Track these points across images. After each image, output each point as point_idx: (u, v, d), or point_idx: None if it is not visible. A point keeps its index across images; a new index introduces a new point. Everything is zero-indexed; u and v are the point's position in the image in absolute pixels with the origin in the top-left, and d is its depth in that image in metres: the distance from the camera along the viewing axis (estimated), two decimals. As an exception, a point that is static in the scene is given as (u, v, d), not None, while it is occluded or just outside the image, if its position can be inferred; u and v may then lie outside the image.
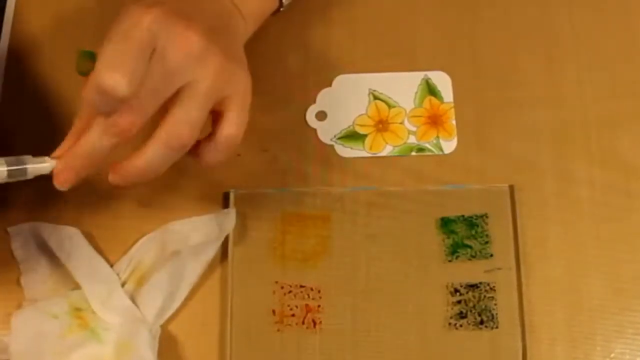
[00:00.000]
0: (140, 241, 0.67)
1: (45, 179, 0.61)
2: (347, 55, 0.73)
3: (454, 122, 0.71)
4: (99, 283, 0.65)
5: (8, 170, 0.57)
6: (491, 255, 0.66)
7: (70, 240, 0.66)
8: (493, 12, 0.73)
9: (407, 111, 0.71)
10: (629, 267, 0.66)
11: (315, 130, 0.71)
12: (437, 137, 0.70)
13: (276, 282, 0.66)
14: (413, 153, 0.70)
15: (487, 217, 0.67)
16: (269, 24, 0.69)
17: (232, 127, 0.58)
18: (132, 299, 0.65)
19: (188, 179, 0.69)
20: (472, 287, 0.66)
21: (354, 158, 0.70)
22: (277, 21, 0.71)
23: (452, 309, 0.65)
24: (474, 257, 0.66)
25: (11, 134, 0.71)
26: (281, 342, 0.65)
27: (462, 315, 0.65)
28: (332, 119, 0.71)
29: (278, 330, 0.65)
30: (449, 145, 0.70)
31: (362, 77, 0.73)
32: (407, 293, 0.66)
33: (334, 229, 0.67)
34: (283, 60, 0.73)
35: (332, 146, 0.70)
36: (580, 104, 0.71)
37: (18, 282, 0.67)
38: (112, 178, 0.58)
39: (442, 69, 0.72)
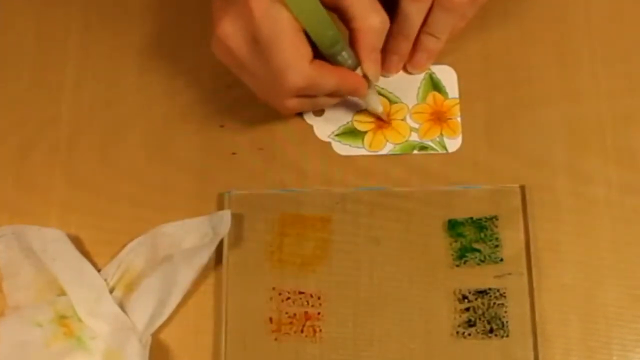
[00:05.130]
0: (130, 245, 0.66)
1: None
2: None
3: (459, 119, 0.69)
4: (85, 289, 0.64)
5: None
6: (501, 260, 0.65)
7: (55, 243, 0.65)
8: (503, 4, 0.72)
9: (410, 107, 0.70)
10: (647, 272, 0.65)
11: (311, 126, 0.70)
12: (441, 134, 0.69)
13: (273, 288, 0.65)
14: (415, 151, 0.69)
15: (497, 219, 0.66)
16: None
17: None
18: (121, 306, 0.64)
19: (181, 179, 0.69)
20: (481, 293, 0.64)
21: (354, 156, 0.69)
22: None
23: (460, 316, 0.64)
24: (483, 261, 0.65)
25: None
26: (279, 351, 0.64)
27: (470, 324, 0.64)
28: (330, 114, 0.70)
29: (275, 339, 0.64)
30: (454, 144, 0.69)
31: (363, 71, 0.72)
32: (412, 300, 0.64)
33: (335, 231, 0.66)
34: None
35: (329, 143, 0.69)
36: (595, 100, 0.69)
37: (0, 288, 0.66)
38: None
39: (449, 64, 0.71)
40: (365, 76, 0.64)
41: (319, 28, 0.59)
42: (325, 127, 0.69)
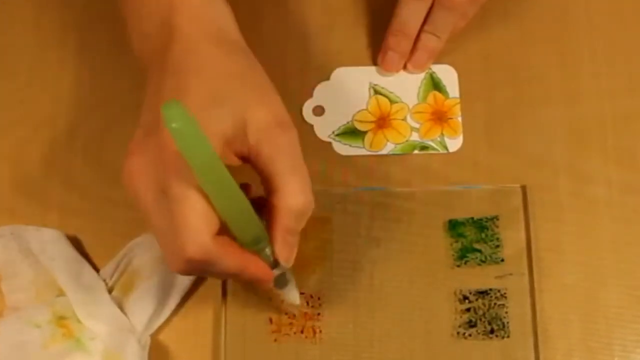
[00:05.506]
0: (129, 245, 0.65)
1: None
2: (347, 46, 0.72)
3: (459, 118, 0.69)
4: (84, 290, 0.64)
5: None
6: (502, 260, 0.65)
7: (54, 244, 0.65)
8: (503, 4, 0.71)
9: (410, 107, 0.70)
10: (649, 273, 0.65)
11: (312, 126, 0.69)
12: (442, 134, 0.69)
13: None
14: (416, 151, 0.68)
15: (497, 219, 0.65)
16: (265, 12, 0.69)
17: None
18: (120, 307, 0.64)
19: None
20: (482, 294, 0.64)
21: (354, 156, 0.69)
22: (273, 9, 0.71)
23: (460, 317, 0.64)
24: (483, 262, 0.65)
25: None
26: (279, 352, 0.64)
27: (471, 324, 0.63)
28: (330, 114, 0.70)
29: (275, 340, 0.64)
30: (454, 143, 0.69)
31: (363, 70, 0.71)
32: (413, 300, 0.64)
33: (335, 231, 0.66)
34: (279, 51, 0.72)
35: (329, 143, 0.69)
36: (596, 100, 0.69)
37: (-2, 289, 0.66)
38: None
39: (449, 63, 0.71)
40: (276, 263, 0.55)
41: (240, 222, 0.51)
42: (325, 126, 0.69)
